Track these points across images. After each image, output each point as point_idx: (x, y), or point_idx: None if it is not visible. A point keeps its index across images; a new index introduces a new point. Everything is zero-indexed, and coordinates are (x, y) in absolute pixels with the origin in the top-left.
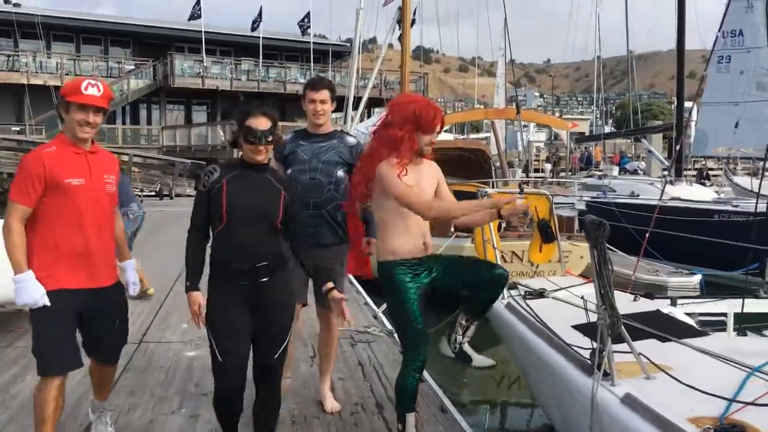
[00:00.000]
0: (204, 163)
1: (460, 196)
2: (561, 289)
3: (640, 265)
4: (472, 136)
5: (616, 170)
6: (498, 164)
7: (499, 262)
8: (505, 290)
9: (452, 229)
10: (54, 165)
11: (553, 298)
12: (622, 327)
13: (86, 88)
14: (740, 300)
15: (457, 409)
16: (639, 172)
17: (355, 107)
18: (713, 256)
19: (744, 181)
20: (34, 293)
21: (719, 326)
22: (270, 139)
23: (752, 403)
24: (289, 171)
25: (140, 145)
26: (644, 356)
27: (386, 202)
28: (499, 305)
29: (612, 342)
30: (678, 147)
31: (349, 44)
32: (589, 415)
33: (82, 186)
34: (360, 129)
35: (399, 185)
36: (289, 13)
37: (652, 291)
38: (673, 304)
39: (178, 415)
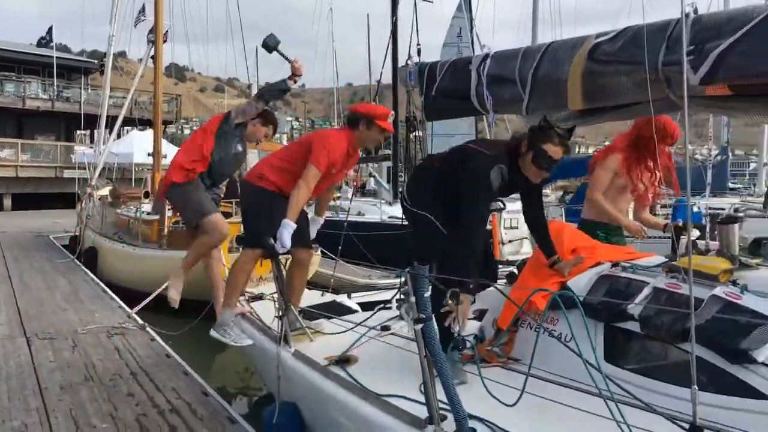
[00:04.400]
0: None
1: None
2: (275, 292)
3: (356, 270)
4: None
5: (350, 192)
6: None
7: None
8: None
9: None
10: None
11: (269, 299)
12: (293, 312)
13: (389, 118)
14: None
15: (219, 392)
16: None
17: (110, 127)
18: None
19: None
20: None
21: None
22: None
23: (361, 336)
24: None
25: None
26: (311, 328)
27: None
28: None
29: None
30: (395, 172)
31: (96, 61)
32: (276, 367)
33: None
34: (112, 150)
35: None
36: (28, 24)
37: (368, 290)
38: (349, 296)
39: None
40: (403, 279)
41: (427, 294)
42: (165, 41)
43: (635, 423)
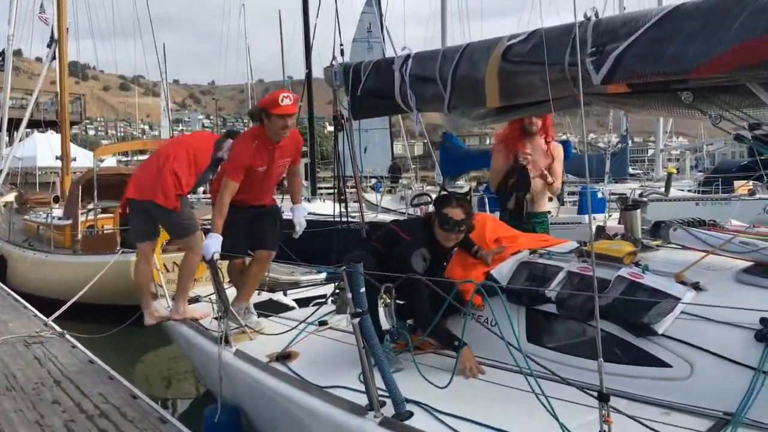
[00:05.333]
0: None
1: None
2: (211, 294)
3: (278, 267)
4: (140, 157)
5: None
6: None
7: (162, 277)
8: (169, 300)
9: (118, 247)
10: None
11: (205, 301)
12: (234, 313)
13: (282, 101)
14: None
15: (146, 394)
16: None
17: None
18: (337, 256)
19: (371, 197)
20: None
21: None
22: (462, 228)
23: (305, 331)
24: None
25: None
26: (249, 327)
27: None
28: (164, 311)
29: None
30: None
31: None
32: (218, 367)
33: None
34: (16, 155)
35: None
36: None
37: (291, 288)
38: (285, 294)
39: None
40: (325, 275)
41: (363, 290)
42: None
43: (554, 396)
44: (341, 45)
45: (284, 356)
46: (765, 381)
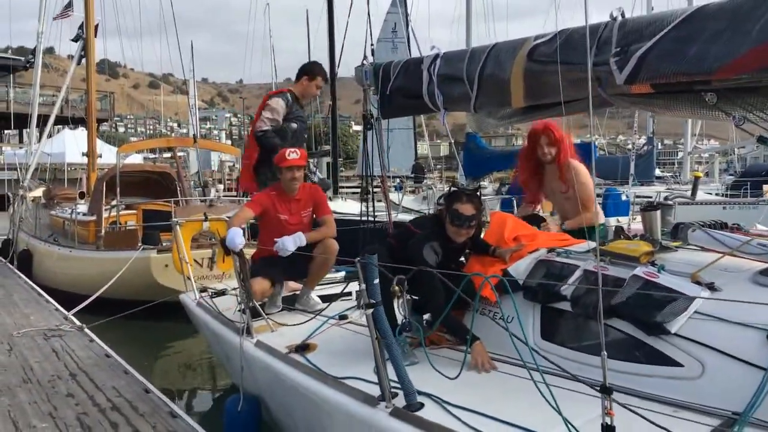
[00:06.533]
0: None
1: (150, 214)
2: (237, 288)
3: None
4: (166, 155)
5: None
6: (191, 184)
7: (191, 270)
8: (197, 292)
9: (140, 243)
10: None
11: (230, 294)
12: (257, 305)
13: (288, 155)
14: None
15: (161, 390)
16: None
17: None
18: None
19: (392, 196)
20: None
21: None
22: (472, 224)
23: (323, 323)
24: None
25: None
26: (271, 320)
27: None
28: (192, 303)
29: (253, 316)
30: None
31: (23, 59)
32: (239, 357)
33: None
34: (44, 150)
35: None
36: None
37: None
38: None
39: None
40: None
41: (376, 281)
42: (95, 36)
43: (562, 390)
44: (372, 45)
45: (303, 347)
46: None
